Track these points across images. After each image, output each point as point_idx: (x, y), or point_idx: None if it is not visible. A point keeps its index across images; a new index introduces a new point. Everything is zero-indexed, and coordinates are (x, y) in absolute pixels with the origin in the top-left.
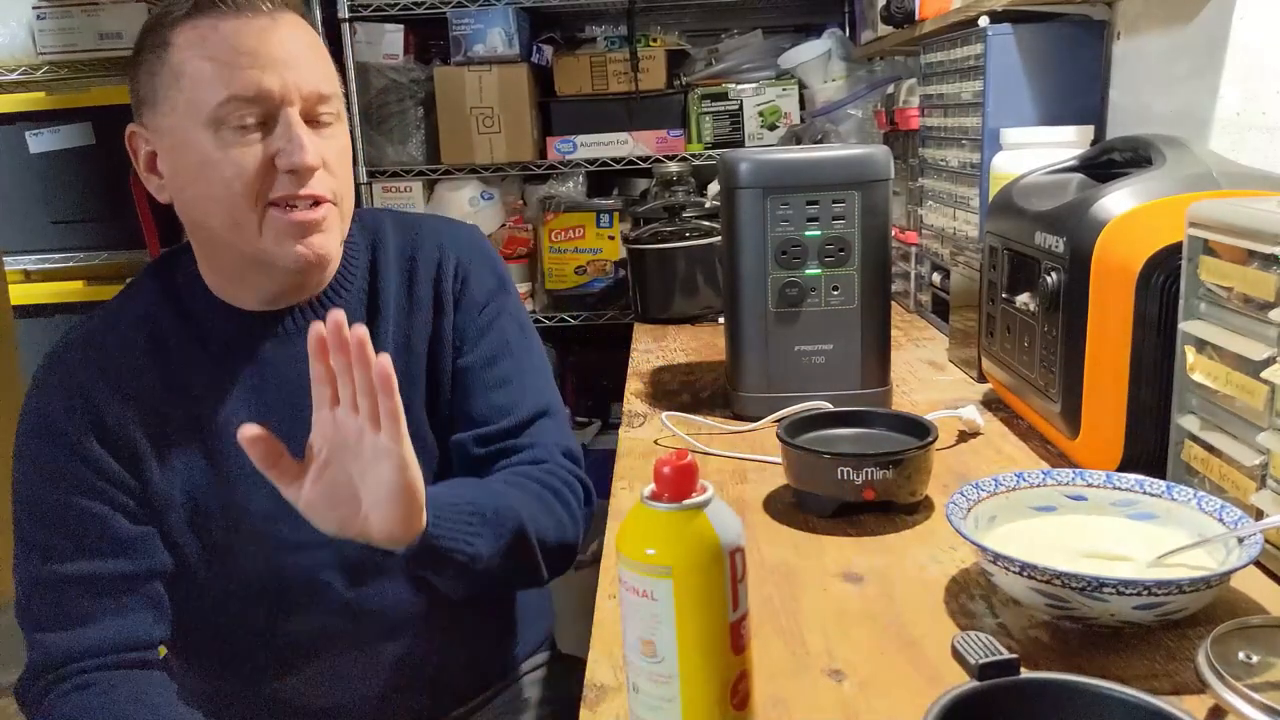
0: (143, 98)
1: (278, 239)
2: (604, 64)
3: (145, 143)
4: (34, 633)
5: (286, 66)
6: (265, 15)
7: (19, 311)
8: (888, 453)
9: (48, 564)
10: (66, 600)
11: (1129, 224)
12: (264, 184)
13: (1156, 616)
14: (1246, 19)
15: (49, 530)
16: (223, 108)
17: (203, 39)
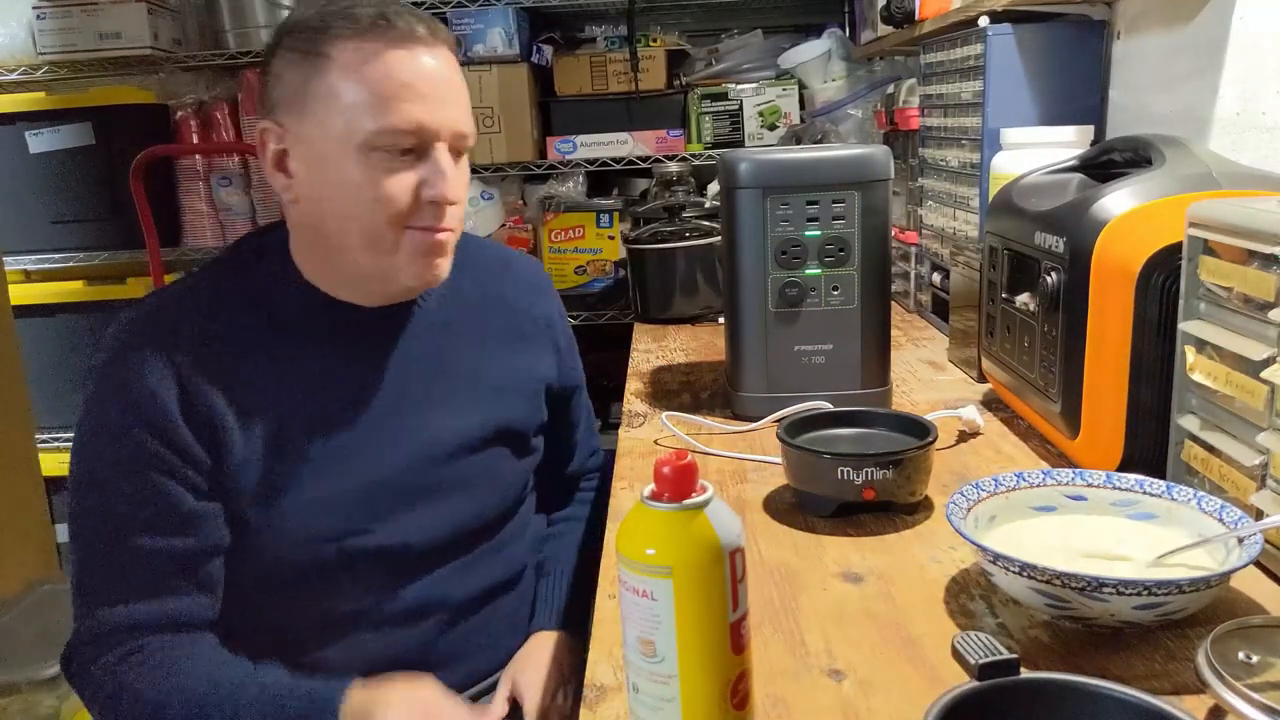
0: (284, 99)
1: (409, 260)
2: (604, 64)
3: (277, 141)
4: (87, 602)
5: (442, 104)
6: (427, 47)
7: (19, 311)
8: (888, 453)
9: (111, 535)
10: (126, 573)
11: (1129, 224)
12: (406, 211)
13: (1156, 616)
14: (1246, 19)
15: (116, 502)
16: (379, 136)
17: (366, 64)
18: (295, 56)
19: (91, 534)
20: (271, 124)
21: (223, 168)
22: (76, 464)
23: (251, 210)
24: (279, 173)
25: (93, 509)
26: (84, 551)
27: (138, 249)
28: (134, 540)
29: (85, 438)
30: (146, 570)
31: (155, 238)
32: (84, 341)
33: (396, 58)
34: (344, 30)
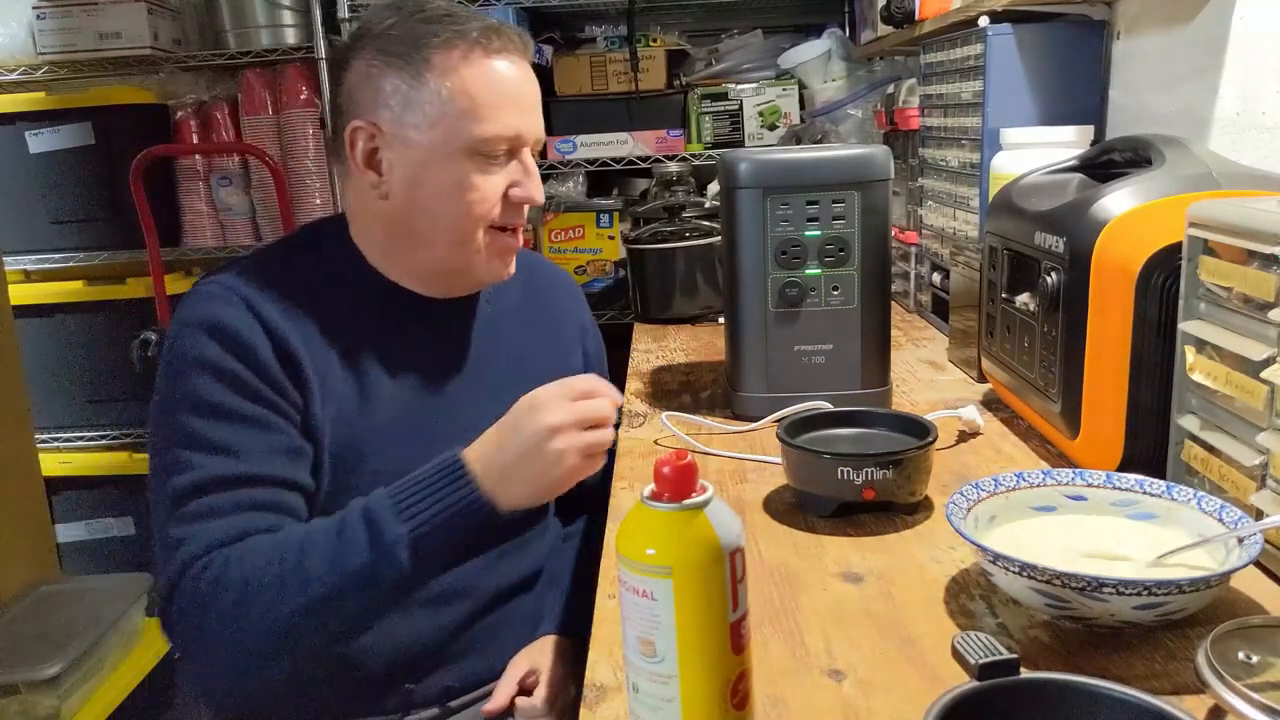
0: (380, 101)
1: (489, 258)
2: (604, 64)
3: (368, 140)
4: (181, 527)
5: (534, 113)
6: (522, 59)
7: (19, 311)
8: (888, 453)
9: (212, 463)
10: (222, 500)
11: (1129, 224)
12: (495, 211)
13: (1156, 616)
14: (1246, 19)
15: (220, 430)
16: (484, 143)
17: (473, 73)
18: (396, 61)
19: (187, 462)
20: (365, 124)
21: (223, 168)
22: (169, 398)
23: (251, 210)
24: (369, 170)
25: (189, 438)
26: (179, 480)
27: (138, 249)
28: (236, 465)
29: (177, 372)
30: (243, 496)
31: (155, 238)
32: (84, 341)
33: (500, 68)
34: (452, 40)
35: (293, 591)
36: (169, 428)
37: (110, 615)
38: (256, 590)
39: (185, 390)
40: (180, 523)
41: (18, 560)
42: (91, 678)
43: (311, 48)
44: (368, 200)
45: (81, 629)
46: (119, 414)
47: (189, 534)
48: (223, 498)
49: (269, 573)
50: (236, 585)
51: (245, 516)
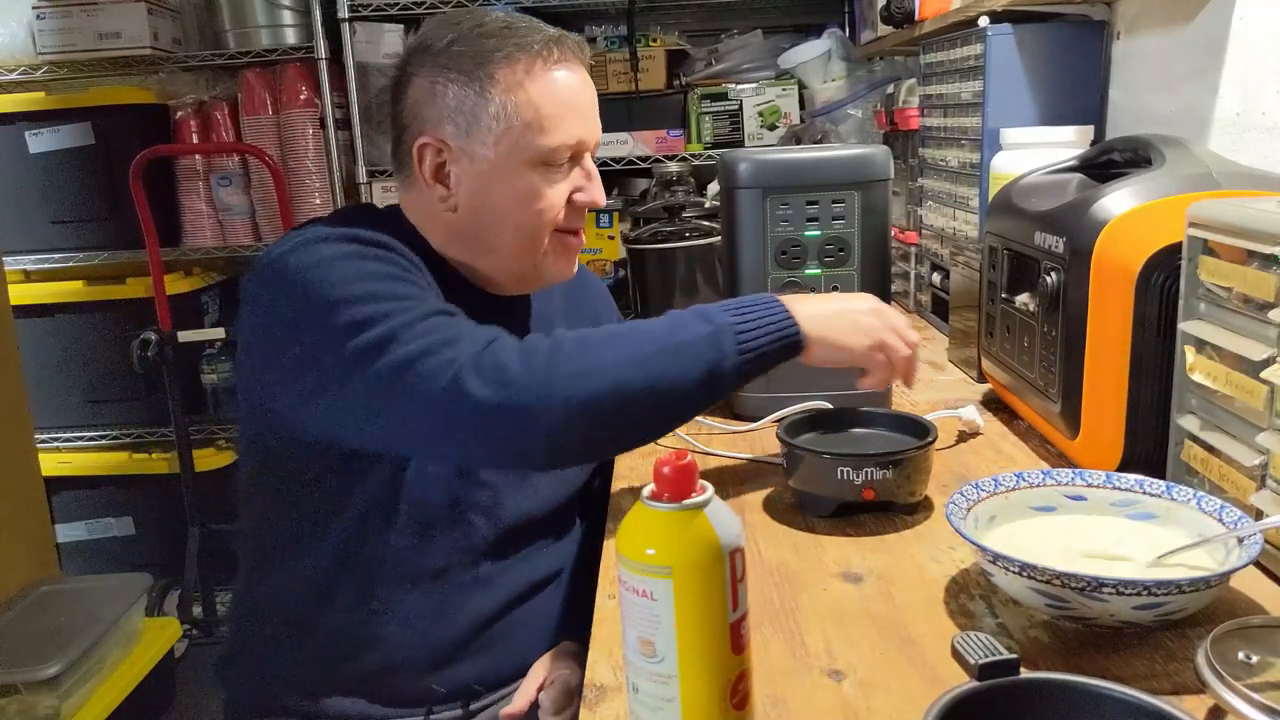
0: (445, 117)
1: (554, 260)
2: (604, 64)
3: (437, 154)
4: (430, 320)
5: (594, 119)
6: (581, 66)
7: (19, 311)
8: (888, 453)
9: (410, 306)
10: (446, 320)
11: (1129, 224)
12: (561, 216)
13: (1156, 616)
14: (1246, 19)
15: (396, 287)
16: (550, 154)
17: (538, 88)
18: (460, 78)
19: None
20: (432, 139)
21: (222, 168)
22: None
23: (251, 210)
24: (437, 184)
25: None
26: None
27: (138, 249)
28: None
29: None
30: (456, 321)
31: (155, 238)
32: (84, 341)
33: (561, 79)
34: (514, 55)
35: (627, 345)
36: (336, 308)
37: (110, 615)
38: (592, 342)
39: (337, 276)
40: (423, 337)
41: (18, 560)
42: (91, 678)
43: (311, 48)
44: (433, 210)
45: (81, 629)
46: (119, 414)
47: (449, 335)
48: (447, 319)
49: (600, 334)
50: (551, 346)
51: (489, 328)
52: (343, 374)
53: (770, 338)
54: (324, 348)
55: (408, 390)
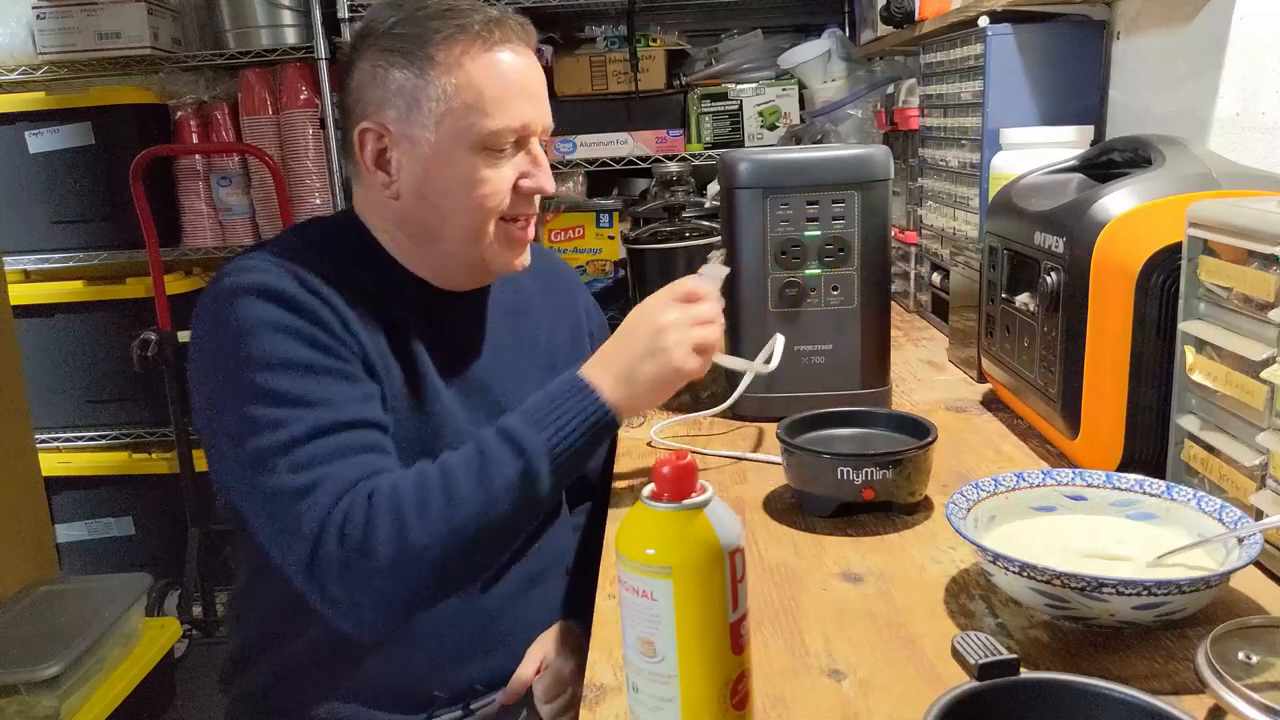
0: (387, 101)
1: (501, 249)
2: (604, 64)
3: (378, 140)
4: (303, 475)
5: (540, 101)
6: (526, 47)
7: (19, 311)
8: (887, 453)
9: (310, 415)
10: (333, 444)
11: (1129, 224)
12: (507, 202)
13: (1156, 616)
14: (1246, 19)
15: (307, 384)
16: (493, 136)
17: (478, 67)
18: (399, 59)
19: (282, 421)
20: (373, 125)
21: (222, 168)
22: (242, 368)
23: (251, 210)
24: (379, 171)
25: (275, 396)
26: (276, 438)
27: (138, 249)
28: (329, 413)
29: (239, 338)
30: (340, 443)
31: (155, 238)
32: (84, 341)
33: (505, 60)
34: (454, 35)
35: (447, 513)
36: (244, 391)
37: (110, 615)
38: (414, 514)
39: (255, 351)
40: (300, 471)
41: (18, 560)
42: (91, 678)
43: (311, 48)
44: (379, 200)
45: (81, 629)
46: (119, 414)
47: (319, 477)
48: (333, 441)
49: (420, 497)
50: (390, 512)
51: (362, 457)
52: (235, 465)
53: (583, 434)
54: (224, 431)
55: (279, 521)
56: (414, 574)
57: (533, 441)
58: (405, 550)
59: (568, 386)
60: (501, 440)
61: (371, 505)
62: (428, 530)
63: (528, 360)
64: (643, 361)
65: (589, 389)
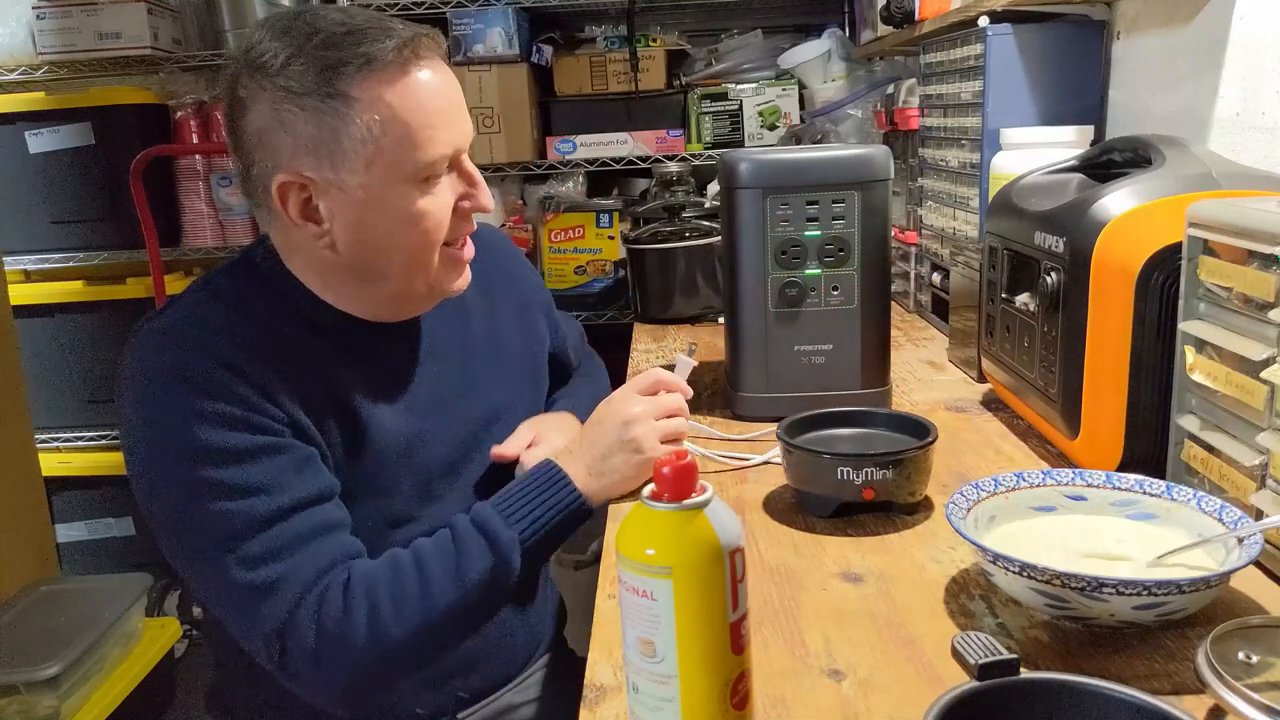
0: (300, 148)
1: (447, 274)
2: (604, 64)
3: (300, 191)
4: (260, 570)
5: (464, 118)
6: (441, 62)
7: (19, 311)
8: (887, 453)
9: (252, 504)
10: (284, 532)
11: (1129, 224)
12: (447, 229)
13: (1156, 616)
14: (1246, 19)
15: (240, 472)
16: (428, 167)
17: (399, 98)
18: (309, 102)
19: (224, 516)
20: (291, 177)
21: (223, 168)
22: (174, 464)
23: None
24: (308, 223)
25: (213, 489)
26: (222, 534)
27: (138, 249)
28: (270, 500)
29: (163, 433)
30: (293, 523)
31: (155, 238)
32: (84, 341)
33: (427, 84)
34: (367, 66)
35: (421, 606)
36: (181, 487)
37: (110, 615)
38: (389, 608)
39: (178, 445)
40: (255, 567)
41: (18, 560)
42: (91, 678)
43: None
44: (307, 249)
45: (81, 629)
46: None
47: (277, 576)
48: (282, 531)
49: (393, 591)
50: (366, 606)
51: (317, 545)
52: (183, 560)
53: (556, 524)
54: (166, 524)
55: (241, 617)
56: (387, 664)
57: (505, 534)
58: (380, 644)
59: (543, 477)
60: (475, 532)
61: (347, 600)
62: (403, 625)
63: (476, 360)
64: (614, 453)
65: (564, 479)
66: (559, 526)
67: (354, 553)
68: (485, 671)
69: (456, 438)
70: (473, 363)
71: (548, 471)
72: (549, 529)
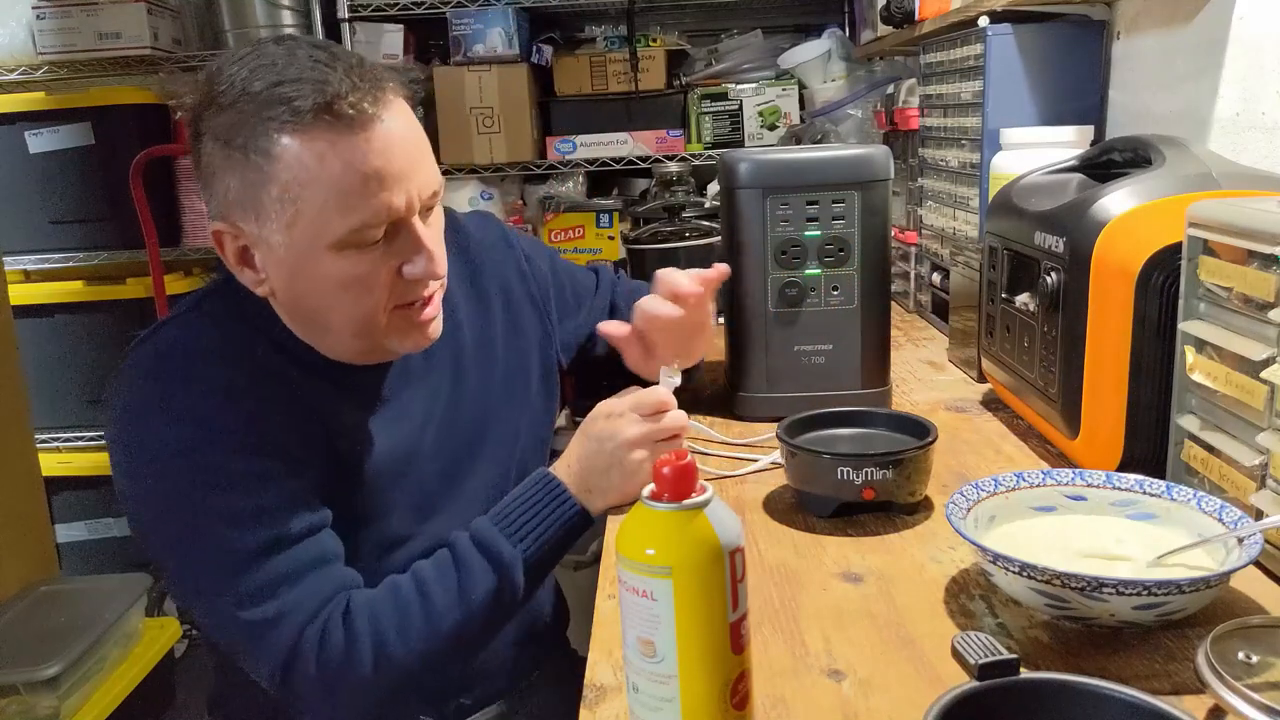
0: (230, 200)
1: (401, 336)
2: (604, 64)
3: (234, 239)
4: (261, 607)
5: (409, 178)
6: (379, 121)
7: (19, 311)
8: (887, 453)
9: (244, 537)
10: (280, 565)
11: (1129, 224)
12: (392, 293)
13: (1156, 616)
14: (1246, 19)
15: (234, 498)
16: (352, 235)
17: (321, 161)
18: (235, 154)
19: (221, 549)
20: (225, 226)
21: None
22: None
23: None
24: (246, 269)
25: (210, 526)
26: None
27: (138, 249)
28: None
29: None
30: (290, 563)
31: (155, 238)
32: (84, 341)
33: (353, 146)
34: (289, 123)
35: (427, 631)
36: (177, 521)
37: (110, 615)
38: (392, 636)
39: (174, 478)
40: (257, 602)
41: (18, 560)
42: (91, 678)
43: None
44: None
45: (81, 629)
46: None
47: (279, 611)
48: (281, 562)
49: (398, 619)
50: (371, 636)
51: (316, 576)
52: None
53: (559, 538)
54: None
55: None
56: (394, 689)
57: (508, 553)
58: (387, 671)
59: (545, 488)
60: (476, 552)
61: (349, 630)
62: (409, 651)
63: (468, 369)
64: (612, 473)
65: (565, 493)
66: (561, 540)
67: (351, 583)
68: (488, 681)
69: (451, 450)
70: (464, 373)
71: (548, 483)
72: (551, 544)
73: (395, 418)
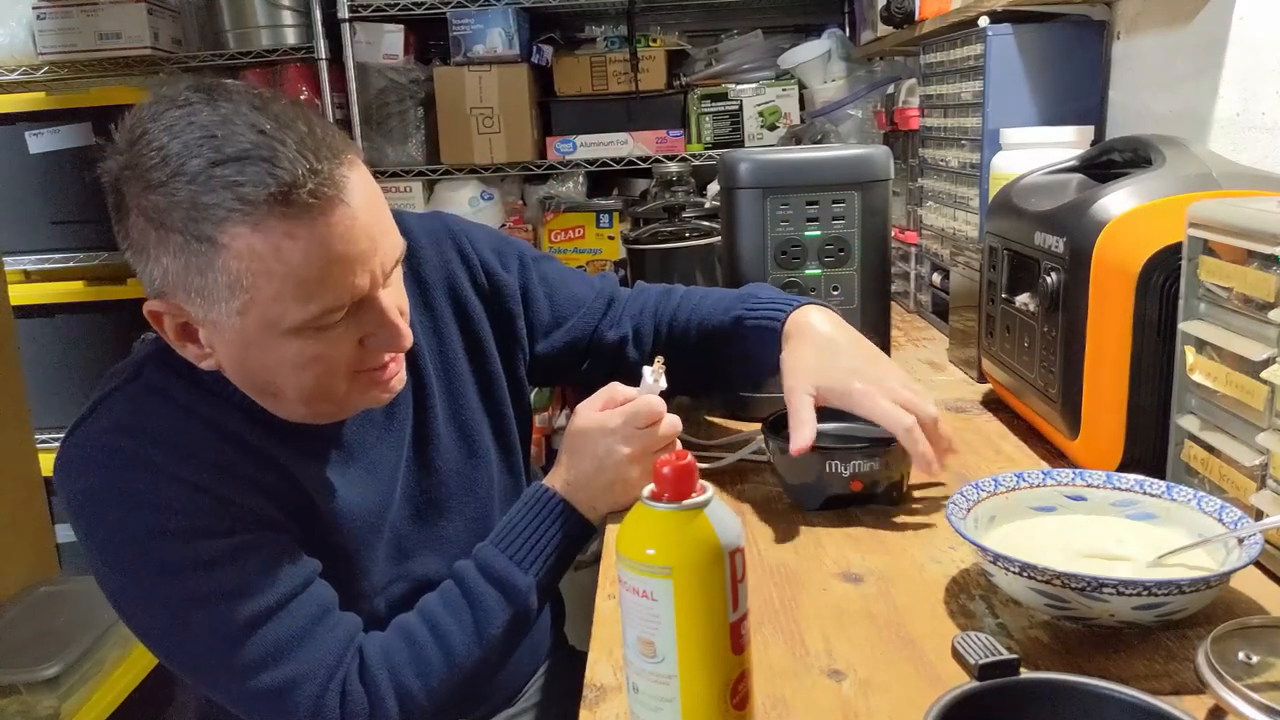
0: (170, 284)
1: (362, 394)
2: (604, 64)
3: (176, 317)
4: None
5: (372, 255)
6: (340, 204)
7: (19, 311)
8: (874, 440)
9: (241, 607)
10: (279, 630)
11: (1129, 224)
12: (353, 362)
13: (1156, 617)
14: (1246, 19)
15: (215, 578)
16: (315, 319)
17: (277, 253)
18: (175, 236)
19: (213, 625)
20: (164, 306)
21: None
22: (152, 582)
23: None
24: (188, 344)
25: (199, 599)
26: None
27: None
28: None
29: (125, 553)
30: (287, 619)
31: None
32: (84, 341)
33: (312, 234)
34: (234, 213)
35: (447, 672)
36: (162, 609)
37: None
38: (414, 684)
39: (148, 569)
40: (262, 670)
41: (18, 560)
42: (91, 678)
43: (311, 48)
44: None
45: (81, 629)
46: None
47: (290, 674)
48: (279, 626)
49: (417, 666)
50: (389, 690)
51: (321, 630)
52: (181, 668)
53: (566, 551)
54: (155, 639)
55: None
56: None
57: (522, 581)
58: (414, 716)
59: (545, 505)
60: (488, 584)
61: (369, 685)
62: (432, 695)
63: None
64: (612, 486)
65: (567, 507)
66: (568, 556)
67: (354, 630)
68: (491, 696)
69: (423, 490)
70: (431, 414)
71: (548, 499)
72: (559, 562)
73: (365, 469)
